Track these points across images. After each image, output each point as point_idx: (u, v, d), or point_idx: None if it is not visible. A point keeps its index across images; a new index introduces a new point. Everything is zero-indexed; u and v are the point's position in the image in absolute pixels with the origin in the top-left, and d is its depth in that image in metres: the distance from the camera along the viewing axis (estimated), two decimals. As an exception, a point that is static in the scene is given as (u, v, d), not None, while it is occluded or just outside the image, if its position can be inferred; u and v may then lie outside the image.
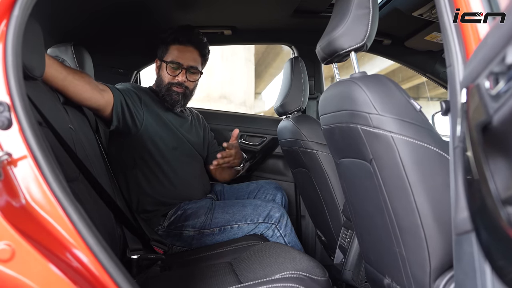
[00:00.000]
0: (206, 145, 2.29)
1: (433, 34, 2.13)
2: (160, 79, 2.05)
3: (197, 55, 2.03)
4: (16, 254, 0.74)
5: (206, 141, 2.29)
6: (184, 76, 2.00)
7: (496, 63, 0.58)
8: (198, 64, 2.04)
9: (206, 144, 2.29)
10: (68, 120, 1.38)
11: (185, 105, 2.12)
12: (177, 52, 2.00)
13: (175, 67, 2.00)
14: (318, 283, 1.19)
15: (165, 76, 2.02)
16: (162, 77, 2.03)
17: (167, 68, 2.00)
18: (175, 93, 2.01)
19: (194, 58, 2.02)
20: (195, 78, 2.05)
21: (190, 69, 2.01)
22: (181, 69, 2.00)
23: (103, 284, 0.80)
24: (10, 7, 0.82)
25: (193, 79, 2.04)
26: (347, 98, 1.13)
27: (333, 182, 1.68)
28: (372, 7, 1.15)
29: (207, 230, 1.83)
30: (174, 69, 2.00)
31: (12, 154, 0.79)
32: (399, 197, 1.03)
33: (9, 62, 0.80)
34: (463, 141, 0.61)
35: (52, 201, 0.79)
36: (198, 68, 2.04)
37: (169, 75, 2.00)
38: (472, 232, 0.68)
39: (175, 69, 2.00)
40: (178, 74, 2.00)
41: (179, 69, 2.00)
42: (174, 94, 2.01)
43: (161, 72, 2.05)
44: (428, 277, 1.01)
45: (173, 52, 2.01)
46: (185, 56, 2.00)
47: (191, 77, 2.03)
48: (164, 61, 2.01)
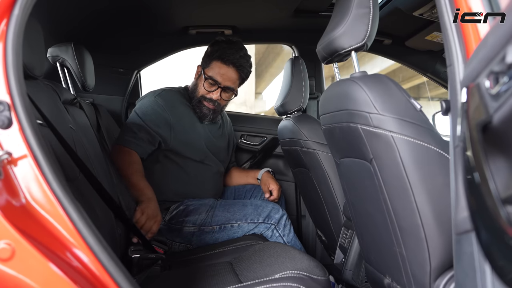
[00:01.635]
0: (231, 150, 2.34)
1: (434, 33, 2.13)
2: (195, 88, 2.05)
3: (236, 77, 2.01)
4: (16, 253, 0.74)
5: (231, 145, 2.33)
6: (218, 95, 2.00)
7: (496, 63, 0.57)
8: (236, 85, 2.04)
9: (231, 148, 2.33)
10: (68, 120, 1.38)
11: (214, 120, 2.11)
12: (218, 70, 1.98)
13: (212, 84, 1.99)
14: (318, 283, 1.19)
15: (200, 88, 2.01)
16: (197, 87, 2.03)
17: (205, 82, 1.99)
18: (205, 108, 2.02)
19: (233, 79, 2.00)
20: (229, 97, 2.06)
21: (226, 89, 2.01)
22: (218, 87, 1.99)
23: (103, 283, 0.80)
24: (10, 7, 0.82)
25: (227, 98, 2.05)
26: (347, 98, 1.13)
27: (333, 182, 1.68)
28: (373, 7, 1.15)
29: (207, 227, 1.84)
30: (210, 85, 1.99)
31: (12, 153, 0.79)
32: (399, 196, 1.03)
33: (9, 61, 0.80)
34: (463, 140, 0.61)
35: (52, 200, 0.79)
36: (234, 89, 2.04)
37: (204, 89, 2.00)
38: (472, 232, 0.68)
39: (212, 85, 1.99)
40: (213, 91, 1.99)
41: (215, 86, 1.99)
42: (205, 109, 2.02)
43: (198, 82, 2.04)
44: (428, 277, 1.01)
45: (214, 68, 1.98)
46: (224, 76, 1.98)
47: (225, 96, 2.03)
48: (204, 74, 2.00)
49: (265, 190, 2.11)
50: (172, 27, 2.30)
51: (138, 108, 1.96)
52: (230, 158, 2.36)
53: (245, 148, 2.57)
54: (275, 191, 2.07)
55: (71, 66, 1.85)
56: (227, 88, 2.00)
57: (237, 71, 1.98)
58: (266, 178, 2.14)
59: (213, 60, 1.98)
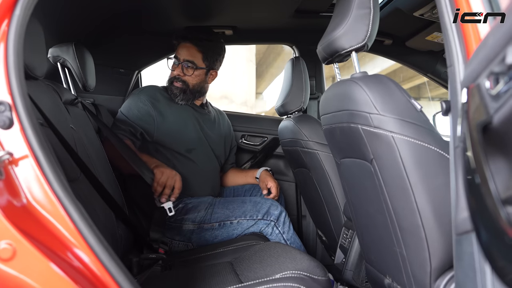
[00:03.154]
0: (228, 148, 2.35)
1: (434, 34, 2.13)
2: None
3: (194, 50, 2.07)
4: (17, 253, 0.74)
5: (227, 144, 2.34)
6: (179, 70, 2.08)
7: (496, 63, 0.58)
8: (196, 58, 2.08)
9: (227, 146, 2.34)
10: (69, 120, 1.38)
11: (186, 99, 2.13)
12: (177, 48, 2.10)
13: (175, 62, 2.11)
14: (318, 283, 1.19)
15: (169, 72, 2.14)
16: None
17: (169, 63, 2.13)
18: (174, 87, 2.09)
19: (190, 53, 2.07)
20: (190, 72, 2.08)
21: (186, 64, 2.07)
22: (178, 63, 2.08)
23: (104, 283, 0.80)
24: (12, 7, 0.82)
25: (189, 73, 2.08)
26: (348, 98, 1.13)
27: (334, 182, 1.68)
28: (373, 7, 1.15)
29: (207, 224, 1.84)
30: (174, 65, 2.11)
31: (13, 153, 0.79)
32: (399, 197, 1.03)
33: (11, 61, 0.80)
34: (463, 141, 0.61)
35: (53, 200, 0.79)
36: (194, 62, 2.07)
37: (170, 71, 2.13)
38: (472, 232, 0.68)
39: (174, 64, 2.11)
40: (175, 69, 2.09)
41: (176, 63, 2.09)
42: (174, 89, 2.09)
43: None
44: (428, 277, 1.01)
45: (176, 50, 2.10)
46: (181, 52, 2.08)
47: (187, 71, 2.08)
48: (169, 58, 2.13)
49: (263, 187, 2.13)
50: (173, 28, 2.30)
51: (123, 107, 2.05)
52: (229, 158, 2.37)
53: (245, 148, 2.57)
54: (273, 188, 2.09)
55: (71, 66, 1.85)
56: (186, 61, 2.07)
57: (193, 44, 2.07)
58: (264, 176, 2.16)
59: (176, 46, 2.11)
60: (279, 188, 2.14)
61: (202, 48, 2.08)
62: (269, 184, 2.10)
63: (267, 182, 2.11)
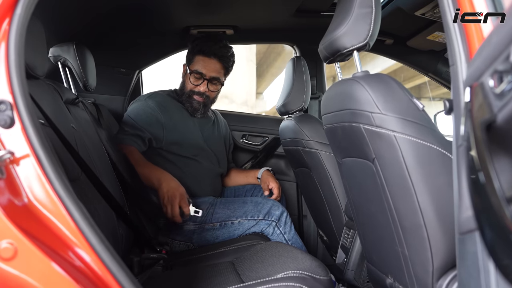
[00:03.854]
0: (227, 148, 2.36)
1: (436, 33, 2.12)
2: (183, 85, 2.12)
3: (220, 67, 2.07)
4: (19, 252, 0.73)
5: (227, 143, 2.36)
6: (205, 87, 2.06)
7: (500, 62, 0.57)
8: (221, 75, 2.09)
9: (227, 146, 2.36)
10: (70, 119, 1.38)
11: (206, 112, 2.16)
12: (201, 62, 2.05)
13: (198, 77, 2.05)
14: (320, 283, 1.18)
15: (188, 83, 2.08)
16: (185, 84, 2.10)
17: (191, 76, 2.06)
18: (195, 101, 2.08)
19: (217, 70, 2.06)
20: (216, 88, 2.11)
21: (212, 80, 2.06)
22: (203, 79, 2.05)
23: (105, 283, 0.80)
24: (13, 6, 0.81)
25: (215, 89, 2.10)
26: (350, 97, 1.12)
27: (335, 181, 1.68)
28: (375, 6, 1.15)
29: (208, 224, 1.84)
30: (197, 79, 2.06)
31: (14, 152, 0.79)
32: (401, 196, 1.03)
33: (12, 60, 0.80)
34: (467, 140, 0.60)
35: (54, 199, 0.79)
36: (220, 79, 2.09)
37: (191, 84, 2.07)
38: (476, 231, 0.68)
39: (198, 79, 2.06)
40: (200, 84, 2.06)
41: (201, 79, 2.05)
42: (195, 103, 2.08)
43: (185, 78, 2.12)
44: (431, 277, 1.00)
45: (197, 62, 2.05)
46: (208, 68, 2.05)
47: (213, 88, 2.09)
48: (189, 69, 2.08)
49: (264, 188, 2.13)
50: (173, 27, 2.30)
51: (130, 111, 2.03)
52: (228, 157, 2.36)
53: (246, 148, 2.57)
54: (275, 189, 2.09)
55: (72, 66, 1.85)
56: (212, 79, 2.06)
57: (219, 61, 2.06)
58: (266, 177, 2.16)
59: (195, 55, 2.07)
60: (281, 189, 2.13)
61: (226, 65, 2.09)
62: (271, 185, 2.10)
63: (269, 183, 2.11)
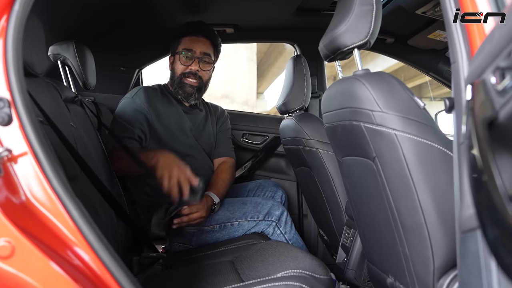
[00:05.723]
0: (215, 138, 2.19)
1: (437, 32, 2.12)
2: (173, 73, 2.01)
3: (209, 44, 2.00)
4: (16, 251, 0.73)
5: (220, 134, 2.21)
6: (197, 65, 1.96)
7: (502, 58, 0.57)
8: (211, 52, 2.01)
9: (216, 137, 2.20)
10: (69, 118, 1.38)
11: (199, 98, 2.06)
12: (189, 41, 1.97)
13: (188, 56, 1.96)
14: (321, 282, 1.18)
15: (178, 67, 1.97)
16: (175, 70, 1.99)
17: (180, 58, 1.96)
18: (188, 85, 1.97)
19: (206, 46, 1.98)
20: (208, 67, 2.00)
21: (203, 58, 1.97)
22: (194, 58, 1.96)
23: (104, 282, 0.79)
24: (11, 2, 0.81)
25: (206, 68, 1.99)
26: (350, 96, 1.12)
27: (335, 180, 1.67)
28: (376, 4, 1.14)
29: (207, 226, 1.82)
30: (187, 59, 1.96)
31: (12, 150, 0.78)
32: (402, 195, 1.02)
33: (10, 57, 0.80)
34: (468, 138, 0.60)
35: (52, 198, 0.78)
36: (211, 56, 2.00)
37: (182, 65, 1.96)
38: (478, 230, 0.67)
39: (189, 59, 1.96)
40: (191, 64, 1.96)
41: (192, 58, 1.96)
42: (188, 87, 1.97)
43: (174, 66, 2.00)
44: (431, 276, 1.00)
45: (185, 42, 1.97)
46: (197, 45, 1.96)
47: (205, 67, 1.98)
48: (177, 53, 1.98)
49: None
50: (173, 26, 2.30)
51: (117, 111, 1.92)
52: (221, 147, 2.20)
53: (246, 147, 2.56)
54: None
55: (72, 64, 1.85)
56: (204, 55, 1.97)
57: (207, 39, 1.99)
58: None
59: (180, 38, 1.98)
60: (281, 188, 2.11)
61: (215, 43, 2.02)
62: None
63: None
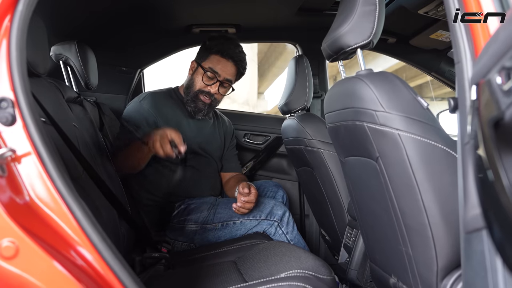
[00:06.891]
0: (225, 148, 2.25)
1: (439, 32, 2.12)
2: (191, 83, 1.99)
3: (234, 71, 1.99)
4: (20, 251, 0.73)
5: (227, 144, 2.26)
6: (216, 88, 1.96)
7: (508, 58, 0.56)
8: (233, 79, 2.01)
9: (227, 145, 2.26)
10: (71, 118, 1.38)
11: (208, 114, 2.07)
12: (217, 62, 1.95)
13: (211, 77, 1.95)
14: (324, 282, 1.18)
15: (197, 82, 1.96)
16: (194, 82, 1.98)
17: (203, 75, 1.95)
18: (201, 102, 1.97)
19: (231, 73, 1.98)
20: (226, 92, 2.02)
21: (224, 83, 1.98)
22: (217, 80, 1.95)
23: (107, 282, 0.79)
24: (14, 3, 0.81)
25: (224, 92, 2.01)
26: (353, 96, 1.12)
27: (338, 181, 1.67)
28: (379, 4, 1.14)
29: (210, 225, 1.83)
30: (209, 79, 1.95)
31: (16, 150, 0.78)
32: (405, 195, 1.02)
33: (13, 57, 0.79)
34: (474, 138, 0.60)
35: (56, 198, 0.78)
36: (232, 82, 2.01)
37: (202, 83, 1.95)
38: (483, 230, 0.67)
39: (211, 79, 1.95)
40: (211, 85, 1.95)
41: (214, 79, 1.95)
42: (201, 104, 1.97)
43: (194, 76, 1.99)
44: (435, 277, 1.00)
45: (212, 61, 1.95)
46: (224, 69, 1.95)
47: (223, 91, 2.00)
48: (202, 67, 1.96)
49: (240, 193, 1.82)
50: (175, 26, 2.30)
51: (124, 115, 1.93)
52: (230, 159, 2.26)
53: (248, 147, 2.56)
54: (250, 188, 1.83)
55: (74, 65, 1.85)
56: (225, 81, 1.97)
57: (235, 65, 1.97)
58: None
59: (211, 54, 1.96)
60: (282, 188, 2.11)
61: (240, 71, 2.02)
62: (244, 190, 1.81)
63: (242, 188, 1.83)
